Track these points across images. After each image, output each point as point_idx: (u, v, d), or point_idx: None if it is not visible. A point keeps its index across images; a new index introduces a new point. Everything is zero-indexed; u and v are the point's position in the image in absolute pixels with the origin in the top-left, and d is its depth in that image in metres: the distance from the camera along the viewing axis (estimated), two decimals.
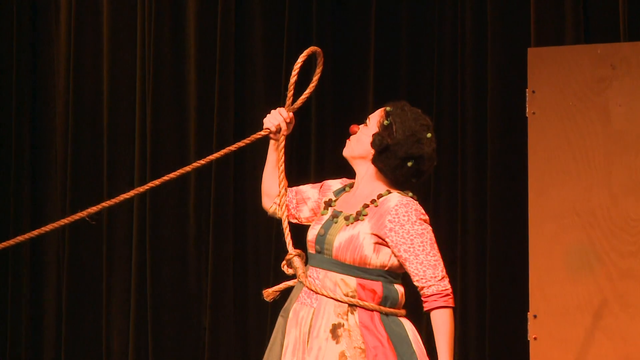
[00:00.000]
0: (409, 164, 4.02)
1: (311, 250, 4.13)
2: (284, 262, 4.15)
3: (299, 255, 4.12)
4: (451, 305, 4.01)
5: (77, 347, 6.89)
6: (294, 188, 4.33)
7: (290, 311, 4.11)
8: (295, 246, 4.22)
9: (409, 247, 3.99)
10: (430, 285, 3.99)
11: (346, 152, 4.14)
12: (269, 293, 4.19)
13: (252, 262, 6.70)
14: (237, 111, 6.70)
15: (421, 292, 4.06)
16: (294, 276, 4.19)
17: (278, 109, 4.21)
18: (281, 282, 4.22)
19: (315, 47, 4.28)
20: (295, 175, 5.14)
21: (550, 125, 5.85)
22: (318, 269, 4.04)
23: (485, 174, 6.32)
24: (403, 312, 4.13)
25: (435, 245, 4.04)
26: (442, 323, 4.01)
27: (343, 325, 4.00)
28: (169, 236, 6.87)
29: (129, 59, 6.91)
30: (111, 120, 6.94)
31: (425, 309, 4.08)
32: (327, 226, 4.09)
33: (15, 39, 6.95)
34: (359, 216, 4.05)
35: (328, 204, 4.15)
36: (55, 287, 6.91)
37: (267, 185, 4.32)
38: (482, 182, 6.34)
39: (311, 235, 4.11)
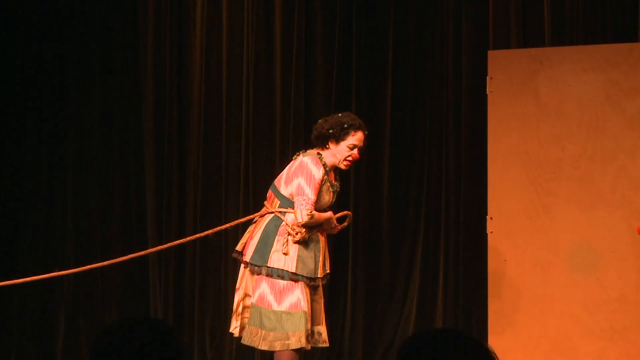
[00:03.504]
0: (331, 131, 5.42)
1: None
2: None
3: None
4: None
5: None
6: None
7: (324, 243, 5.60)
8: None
9: None
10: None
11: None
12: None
13: None
14: (305, 98, 7.54)
15: None
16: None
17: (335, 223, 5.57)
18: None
19: (348, 212, 5.68)
20: None
21: (502, 99, 6.87)
22: None
23: (460, 128, 7.35)
24: None
25: None
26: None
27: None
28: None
29: (237, 67, 7.58)
30: (228, 108, 7.66)
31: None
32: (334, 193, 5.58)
33: (169, 48, 7.67)
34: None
35: (330, 184, 5.53)
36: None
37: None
38: (458, 133, 7.37)
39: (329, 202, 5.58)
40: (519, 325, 6.76)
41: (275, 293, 5.43)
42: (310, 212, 5.37)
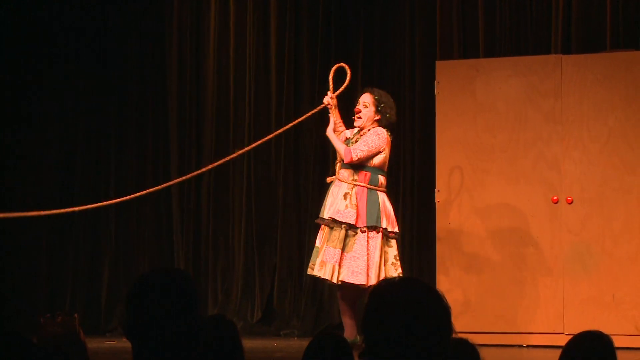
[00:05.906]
0: (387, 115, 5.92)
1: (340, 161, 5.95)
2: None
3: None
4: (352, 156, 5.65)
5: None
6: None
7: (330, 190, 6.00)
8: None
9: (365, 140, 5.86)
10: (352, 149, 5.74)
11: (359, 123, 6.06)
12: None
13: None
14: (295, 93, 8.16)
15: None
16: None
17: (328, 93, 6.05)
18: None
19: (344, 64, 6.16)
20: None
21: (447, 99, 7.23)
22: (342, 169, 6.00)
23: (415, 121, 7.86)
24: (382, 189, 5.81)
25: (374, 145, 5.72)
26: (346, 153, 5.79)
27: (349, 193, 5.87)
28: (266, 173, 8.19)
29: (242, 70, 8.29)
30: (235, 101, 8.38)
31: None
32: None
33: (189, 65, 8.47)
34: (357, 138, 5.93)
35: (349, 139, 6.07)
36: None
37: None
38: (413, 125, 7.87)
39: None
40: (459, 272, 7.15)
41: None
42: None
